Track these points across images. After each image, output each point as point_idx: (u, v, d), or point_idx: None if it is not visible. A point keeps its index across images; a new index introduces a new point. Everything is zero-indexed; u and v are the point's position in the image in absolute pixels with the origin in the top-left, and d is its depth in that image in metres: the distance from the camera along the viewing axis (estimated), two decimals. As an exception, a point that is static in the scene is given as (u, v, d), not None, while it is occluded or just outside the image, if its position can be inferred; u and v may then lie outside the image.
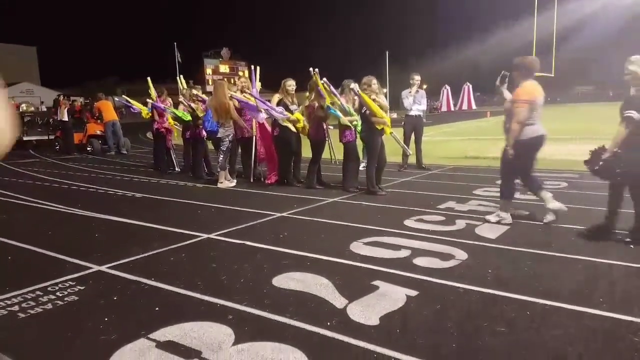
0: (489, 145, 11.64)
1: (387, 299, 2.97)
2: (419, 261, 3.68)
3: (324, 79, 6.53)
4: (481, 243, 4.13)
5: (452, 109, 37.80)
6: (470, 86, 36.99)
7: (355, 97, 6.38)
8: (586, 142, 4.68)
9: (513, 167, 4.71)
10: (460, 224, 4.76)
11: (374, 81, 6.36)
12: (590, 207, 5.25)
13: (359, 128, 6.55)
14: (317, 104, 6.82)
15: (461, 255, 3.80)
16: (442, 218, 5.02)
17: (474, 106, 35.84)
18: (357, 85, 6.37)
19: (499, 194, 5.01)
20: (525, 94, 4.50)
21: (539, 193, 4.77)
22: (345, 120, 6.53)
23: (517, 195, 6.02)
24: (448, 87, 38.44)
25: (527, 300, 2.93)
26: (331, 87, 6.53)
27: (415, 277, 3.35)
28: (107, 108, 13.70)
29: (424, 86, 9.88)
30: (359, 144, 6.89)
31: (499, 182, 5.10)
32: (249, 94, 7.28)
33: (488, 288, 3.13)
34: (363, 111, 6.32)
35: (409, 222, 4.86)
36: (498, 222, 4.72)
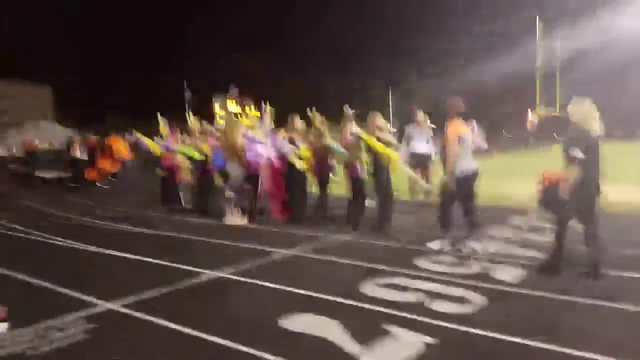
0: (498, 185, 11.50)
1: (403, 345, 2.86)
2: (435, 305, 3.53)
3: (351, 112, 6.61)
4: (499, 287, 3.94)
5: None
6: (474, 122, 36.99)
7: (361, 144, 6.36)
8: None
9: (452, 198, 5.16)
10: (475, 265, 4.63)
11: (379, 118, 6.34)
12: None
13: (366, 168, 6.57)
14: (319, 144, 6.92)
15: (478, 299, 3.64)
16: (455, 260, 4.88)
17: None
18: (359, 129, 6.33)
19: (511, 235, 5.01)
20: (451, 133, 5.13)
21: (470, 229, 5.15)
22: (350, 156, 6.58)
23: (532, 236, 5.88)
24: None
25: (554, 350, 2.78)
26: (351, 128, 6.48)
27: (431, 322, 3.22)
28: (120, 146, 13.90)
29: (430, 125, 9.08)
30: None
31: (511, 222, 5.03)
32: (260, 129, 7.41)
33: (511, 336, 2.96)
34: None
35: (420, 262, 4.74)
36: (440, 250, 5.06)
